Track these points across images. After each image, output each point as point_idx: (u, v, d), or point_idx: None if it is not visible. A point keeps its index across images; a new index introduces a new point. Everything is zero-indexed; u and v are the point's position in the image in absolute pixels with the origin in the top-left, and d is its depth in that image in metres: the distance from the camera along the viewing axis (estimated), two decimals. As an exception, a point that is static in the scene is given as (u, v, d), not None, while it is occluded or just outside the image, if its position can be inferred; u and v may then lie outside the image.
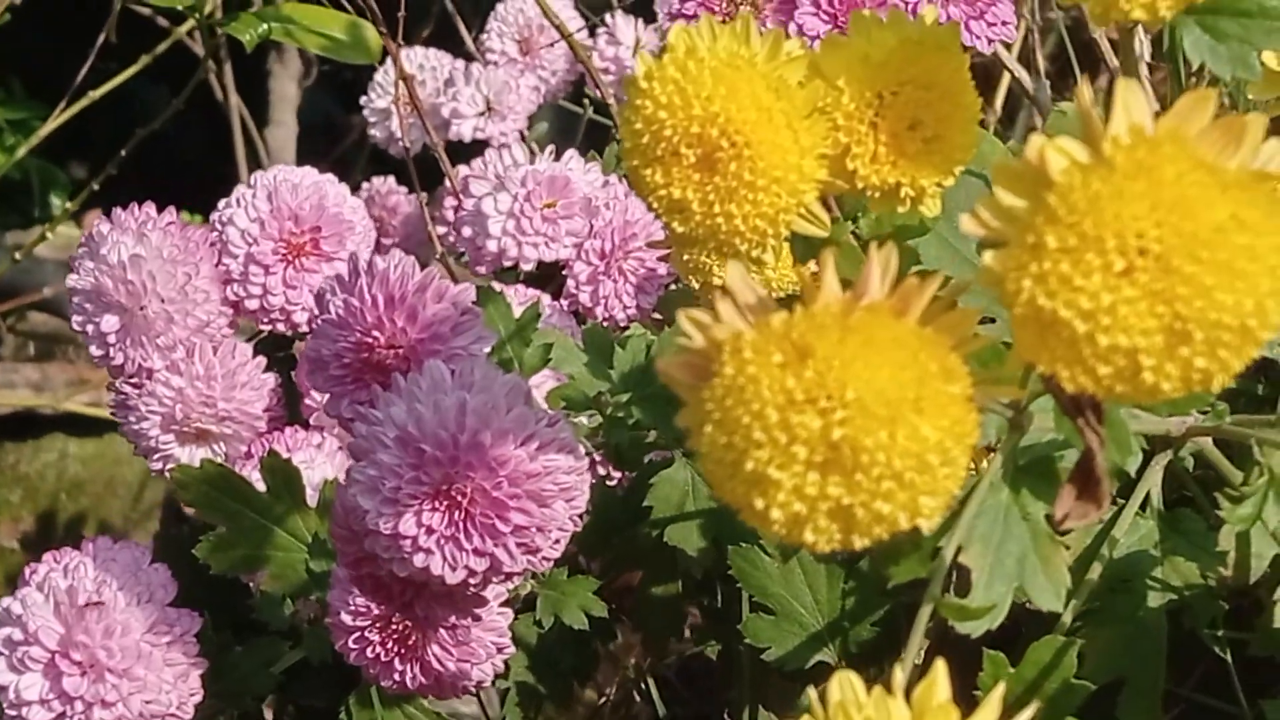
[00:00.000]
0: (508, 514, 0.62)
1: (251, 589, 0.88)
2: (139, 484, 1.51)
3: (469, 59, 1.31)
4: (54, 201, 1.67)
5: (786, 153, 0.49)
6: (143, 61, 1.23)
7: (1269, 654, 0.66)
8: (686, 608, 0.90)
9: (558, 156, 1.07)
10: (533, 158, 1.08)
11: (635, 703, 1.04)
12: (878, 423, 0.40)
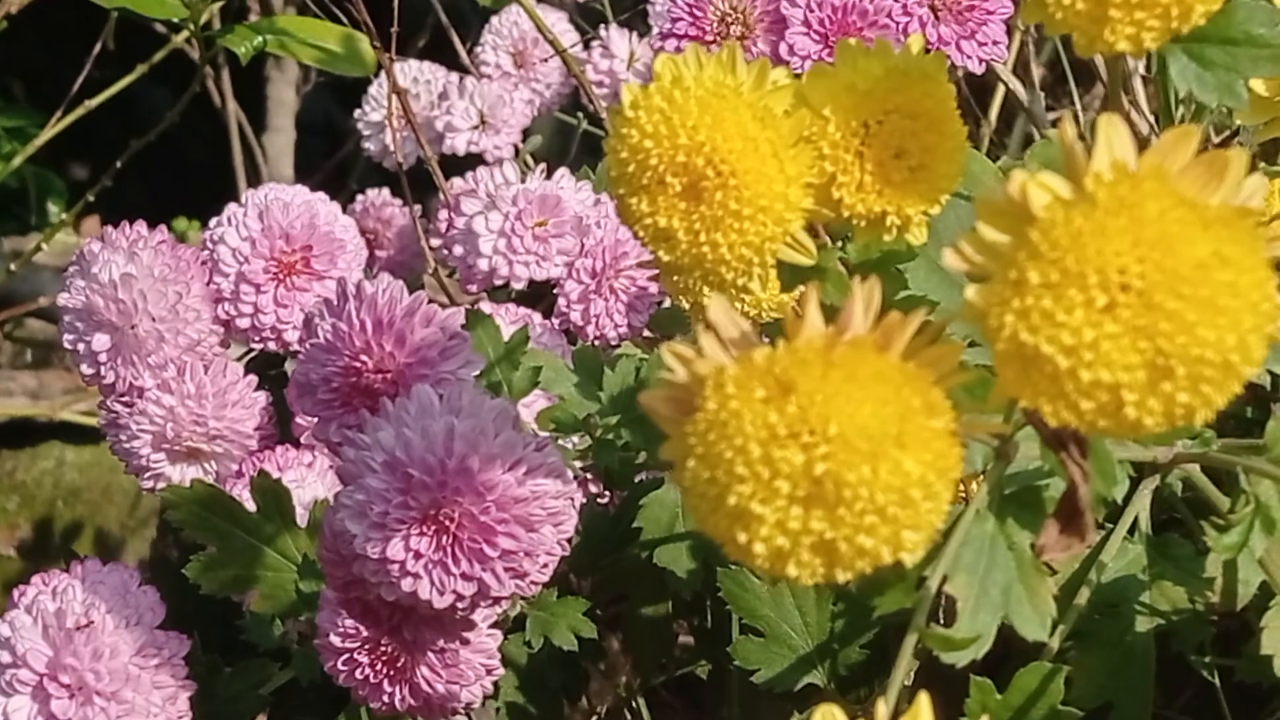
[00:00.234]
0: (495, 539, 0.62)
1: (241, 606, 0.88)
2: (136, 491, 1.50)
3: (463, 72, 1.31)
4: (51, 209, 1.66)
5: (772, 181, 0.49)
6: (140, 70, 1.23)
7: (1256, 679, 0.66)
8: (676, 628, 0.90)
9: (551, 170, 1.07)
10: (525, 174, 1.08)
11: (627, 719, 1.04)
12: (860, 457, 0.40)
